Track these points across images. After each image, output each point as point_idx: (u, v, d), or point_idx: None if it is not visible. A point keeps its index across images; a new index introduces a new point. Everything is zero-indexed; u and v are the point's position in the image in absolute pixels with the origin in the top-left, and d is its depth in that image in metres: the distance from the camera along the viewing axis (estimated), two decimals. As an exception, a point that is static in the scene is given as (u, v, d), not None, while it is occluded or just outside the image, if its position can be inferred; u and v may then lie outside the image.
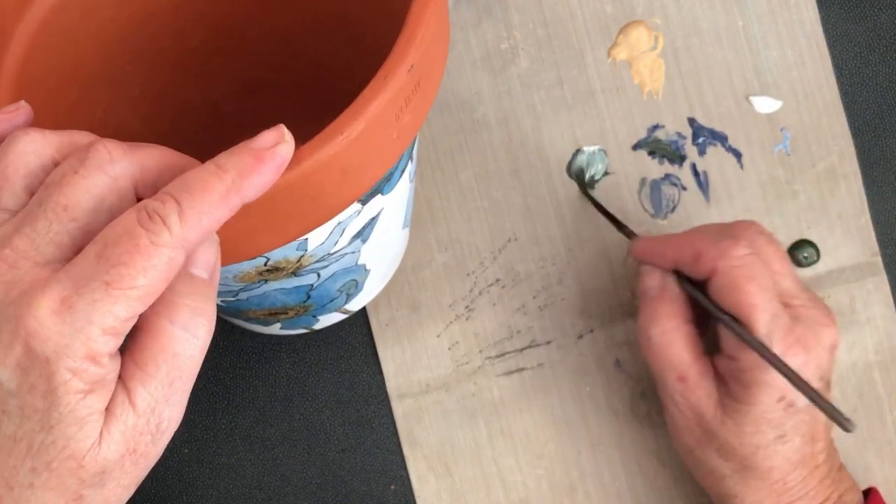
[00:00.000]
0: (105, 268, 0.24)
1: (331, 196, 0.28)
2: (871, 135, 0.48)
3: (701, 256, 0.39)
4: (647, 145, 0.48)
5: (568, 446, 0.48)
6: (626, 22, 0.48)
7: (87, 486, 0.26)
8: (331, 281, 0.37)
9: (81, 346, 0.24)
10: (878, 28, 0.48)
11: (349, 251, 0.35)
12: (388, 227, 0.37)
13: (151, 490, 0.48)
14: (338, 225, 0.32)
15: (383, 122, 0.27)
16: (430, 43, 0.28)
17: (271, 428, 0.48)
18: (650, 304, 0.41)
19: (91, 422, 0.25)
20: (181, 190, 0.25)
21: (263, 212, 0.27)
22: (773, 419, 0.38)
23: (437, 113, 0.48)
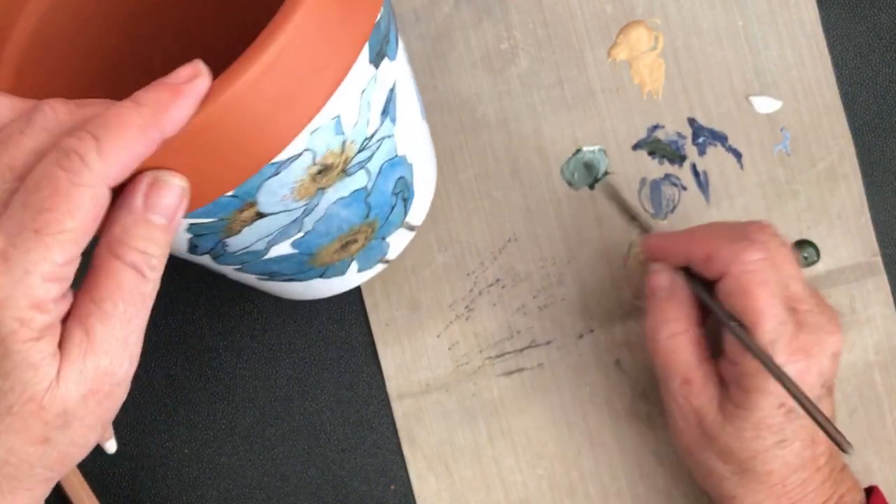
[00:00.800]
0: (31, 215, 0.24)
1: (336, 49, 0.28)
2: (871, 135, 0.48)
3: (713, 258, 0.39)
4: (647, 145, 0.48)
5: (568, 446, 0.48)
6: (626, 22, 0.48)
7: (52, 427, 0.26)
8: (382, 180, 0.36)
9: (23, 296, 0.25)
10: (878, 28, 0.48)
11: (385, 134, 0.35)
12: (408, 109, 0.36)
13: (151, 490, 0.48)
14: (362, 94, 0.31)
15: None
16: None
17: (271, 428, 0.48)
18: (659, 306, 0.41)
19: (45, 365, 0.25)
20: (98, 126, 0.25)
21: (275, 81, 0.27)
22: (773, 425, 0.38)
23: (437, 113, 0.48)
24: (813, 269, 0.48)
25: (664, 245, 0.42)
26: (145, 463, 0.48)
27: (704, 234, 0.40)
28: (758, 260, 0.38)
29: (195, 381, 0.48)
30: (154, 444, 0.48)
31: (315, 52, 0.28)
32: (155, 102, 0.26)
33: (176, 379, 0.48)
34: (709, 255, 0.39)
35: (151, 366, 0.48)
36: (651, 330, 0.41)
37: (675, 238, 0.41)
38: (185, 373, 0.48)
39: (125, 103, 0.26)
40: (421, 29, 0.48)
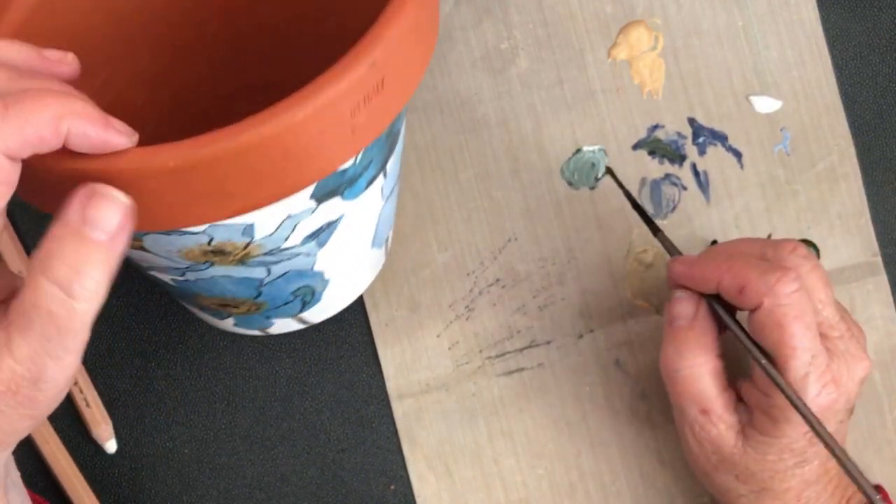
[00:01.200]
0: None
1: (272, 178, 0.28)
2: (871, 135, 0.48)
3: (746, 289, 0.37)
4: (647, 145, 0.48)
5: (568, 446, 0.48)
6: (626, 22, 0.48)
7: None
8: (283, 280, 0.36)
9: None
10: (878, 28, 0.48)
11: (303, 252, 0.34)
12: (351, 239, 0.36)
13: (151, 490, 0.48)
14: (288, 217, 0.31)
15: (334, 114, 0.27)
16: (401, 43, 0.28)
17: (271, 428, 0.48)
18: (679, 335, 0.40)
19: None
20: (15, 95, 0.24)
21: (201, 179, 0.27)
22: (796, 449, 0.38)
23: (437, 113, 0.48)
24: (813, 269, 0.48)
25: (693, 273, 0.40)
26: (145, 463, 0.48)
27: (735, 261, 0.39)
28: (792, 292, 0.37)
29: (195, 381, 0.48)
30: (154, 444, 0.48)
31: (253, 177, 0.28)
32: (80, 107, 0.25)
33: (176, 379, 0.48)
34: (741, 287, 0.37)
35: (151, 366, 0.48)
36: (669, 359, 0.40)
37: (704, 266, 0.40)
38: (185, 373, 0.48)
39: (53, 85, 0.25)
40: (421, 29, 0.48)
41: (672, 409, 0.42)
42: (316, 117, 0.26)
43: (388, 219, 0.39)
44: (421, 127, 0.48)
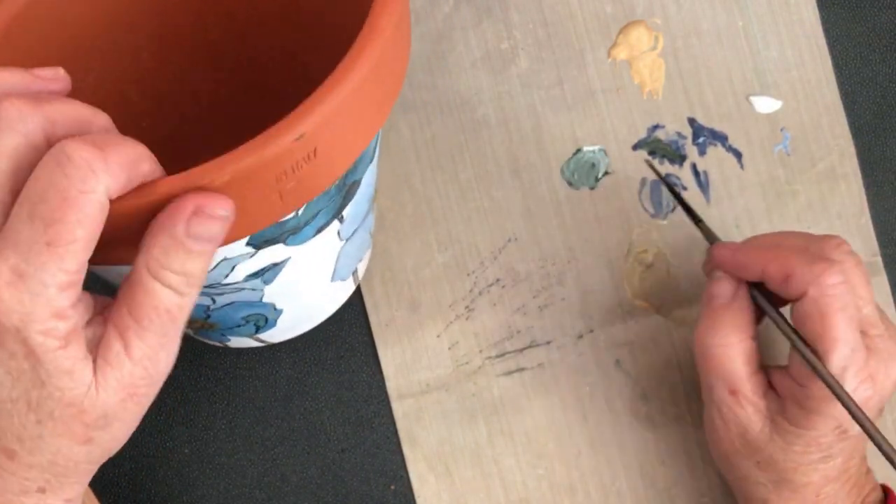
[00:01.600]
0: (41, 228, 0.25)
1: None
2: (871, 135, 0.48)
3: (792, 278, 0.37)
4: (647, 145, 0.48)
5: (568, 446, 0.48)
6: (626, 22, 0.48)
7: (94, 428, 0.28)
8: (231, 309, 0.36)
9: (44, 308, 0.25)
10: (878, 28, 0.48)
11: (247, 287, 0.34)
12: (303, 277, 0.36)
13: (151, 490, 0.48)
14: (224, 259, 0.31)
15: (256, 182, 0.27)
16: (340, 115, 0.27)
17: (271, 428, 0.48)
18: (714, 312, 0.40)
19: (78, 369, 0.26)
20: (99, 137, 0.26)
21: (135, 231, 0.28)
22: (823, 443, 0.38)
23: (437, 113, 0.48)
24: (813, 269, 0.48)
25: (738, 259, 0.40)
26: (145, 463, 0.48)
27: (780, 249, 0.39)
28: (837, 284, 0.37)
29: (195, 381, 0.48)
30: (154, 444, 0.48)
31: None
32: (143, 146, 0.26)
33: (176, 379, 0.48)
34: (787, 275, 0.37)
35: (151, 366, 0.48)
36: (702, 335, 0.40)
37: (750, 252, 0.40)
38: (185, 373, 0.48)
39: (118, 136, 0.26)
40: (421, 29, 0.48)
41: (702, 388, 0.42)
42: (235, 184, 0.26)
43: (351, 256, 0.39)
44: (421, 127, 0.48)
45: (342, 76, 0.27)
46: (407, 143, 0.48)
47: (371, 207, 0.38)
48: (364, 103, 0.28)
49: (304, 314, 0.40)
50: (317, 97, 0.27)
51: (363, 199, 0.36)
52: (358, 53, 0.28)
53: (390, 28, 0.28)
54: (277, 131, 0.26)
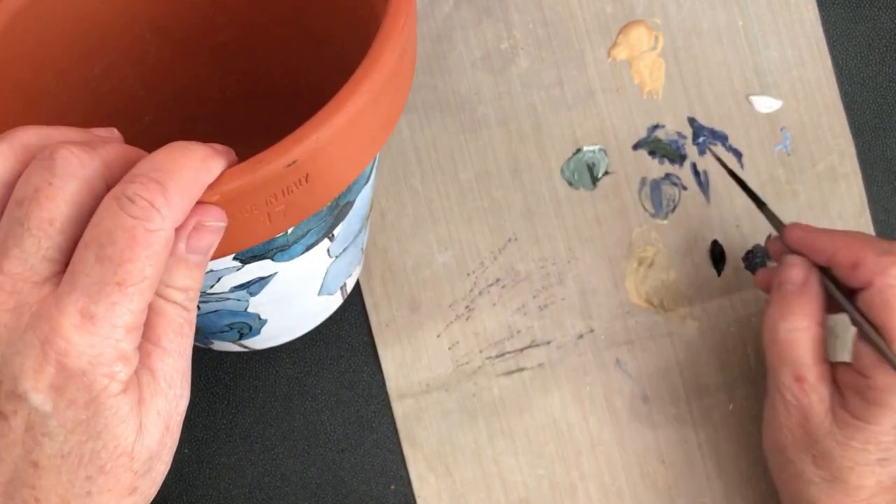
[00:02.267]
0: (112, 268, 0.24)
1: None
2: (871, 135, 0.48)
3: (860, 266, 0.38)
4: (647, 145, 0.48)
5: (568, 446, 0.48)
6: (626, 22, 0.48)
7: (139, 475, 0.27)
8: (215, 316, 0.36)
9: (112, 350, 0.25)
10: (878, 28, 0.48)
11: (232, 297, 0.34)
12: (290, 291, 0.36)
13: (151, 490, 0.48)
14: (210, 271, 0.32)
15: (246, 204, 0.27)
16: (334, 142, 0.27)
17: (271, 428, 0.48)
18: (787, 297, 0.40)
19: (132, 416, 0.26)
20: (155, 170, 0.25)
21: None
22: (882, 442, 0.38)
23: (437, 113, 0.48)
24: (813, 268, 0.48)
25: (810, 240, 0.41)
26: (145, 463, 0.48)
27: (853, 238, 0.39)
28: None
29: (195, 381, 0.48)
30: (154, 444, 0.48)
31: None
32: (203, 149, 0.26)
33: (176, 379, 0.48)
34: (855, 263, 0.38)
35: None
36: (772, 320, 0.40)
37: (822, 235, 0.40)
38: (185, 373, 0.48)
39: (173, 146, 0.26)
40: (421, 29, 0.48)
41: (767, 375, 0.42)
42: (224, 205, 0.27)
43: (340, 272, 0.39)
44: (421, 127, 0.48)
45: (339, 106, 0.27)
46: (407, 143, 0.48)
47: (364, 226, 0.38)
48: (360, 133, 0.28)
49: (289, 325, 0.41)
50: (312, 125, 0.27)
51: (356, 219, 0.36)
52: (357, 85, 0.27)
53: (392, 61, 0.28)
54: (269, 156, 0.26)
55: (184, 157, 0.26)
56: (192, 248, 0.27)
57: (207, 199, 0.26)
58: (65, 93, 0.38)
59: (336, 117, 0.27)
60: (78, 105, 0.39)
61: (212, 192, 0.26)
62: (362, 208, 0.36)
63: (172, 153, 0.26)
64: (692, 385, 0.48)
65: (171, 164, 0.25)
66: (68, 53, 0.37)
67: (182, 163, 0.26)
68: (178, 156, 0.26)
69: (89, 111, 0.39)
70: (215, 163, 0.26)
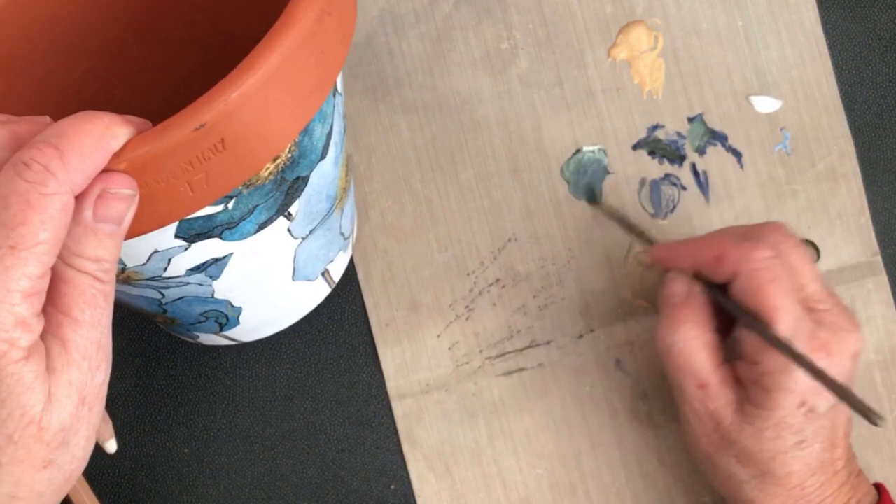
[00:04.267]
0: (5, 233, 0.24)
1: None
2: (871, 135, 0.48)
3: (723, 259, 0.39)
4: (647, 145, 0.48)
5: (568, 446, 0.48)
6: (626, 22, 0.48)
7: (53, 448, 0.26)
8: (183, 304, 0.36)
9: (8, 315, 0.24)
10: (878, 28, 0.48)
11: (192, 281, 0.34)
12: (256, 274, 0.35)
13: (151, 490, 0.48)
14: (155, 252, 0.31)
15: (158, 170, 0.26)
16: (245, 111, 0.27)
17: (271, 428, 0.48)
18: (673, 311, 0.40)
19: (38, 385, 0.25)
20: (55, 136, 0.25)
21: None
22: (793, 424, 0.38)
23: (437, 113, 0.48)
24: (813, 268, 0.48)
25: (672, 251, 0.42)
26: (145, 463, 0.48)
27: (713, 237, 0.40)
28: (766, 258, 0.38)
29: (195, 381, 0.48)
30: (154, 444, 0.48)
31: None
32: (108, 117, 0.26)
33: (176, 379, 0.48)
34: (718, 257, 0.39)
35: (151, 366, 0.48)
36: (664, 335, 0.40)
37: (682, 244, 0.41)
38: (185, 373, 0.48)
39: (79, 115, 0.26)
40: (421, 29, 0.48)
41: (674, 398, 0.42)
42: (134, 171, 0.26)
43: (315, 255, 0.38)
44: (421, 127, 0.48)
45: (248, 67, 0.26)
46: (407, 143, 0.48)
47: (335, 207, 0.37)
48: (278, 96, 0.27)
49: (269, 314, 0.40)
50: (220, 87, 0.26)
51: (318, 198, 0.35)
52: (267, 45, 0.27)
53: (308, 20, 0.27)
54: (176, 120, 0.26)
55: (87, 123, 0.25)
56: (99, 216, 0.26)
57: (114, 167, 0.26)
58: (45, 99, 0.38)
59: (245, 78, 0.26)
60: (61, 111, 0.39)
61: (118, 159, 0.26)
62: (324, 187, 0.35)
63: (76, 120, 0.26)
64: (692, 385, 0.48)
65: (72, 129, 0.25)
66: (44, 60, 0.37)
67: (84, 128, 0.25)
68: (80, 122, 0.25)
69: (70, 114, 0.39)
70: (121, 130, 0.26)
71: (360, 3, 0.48)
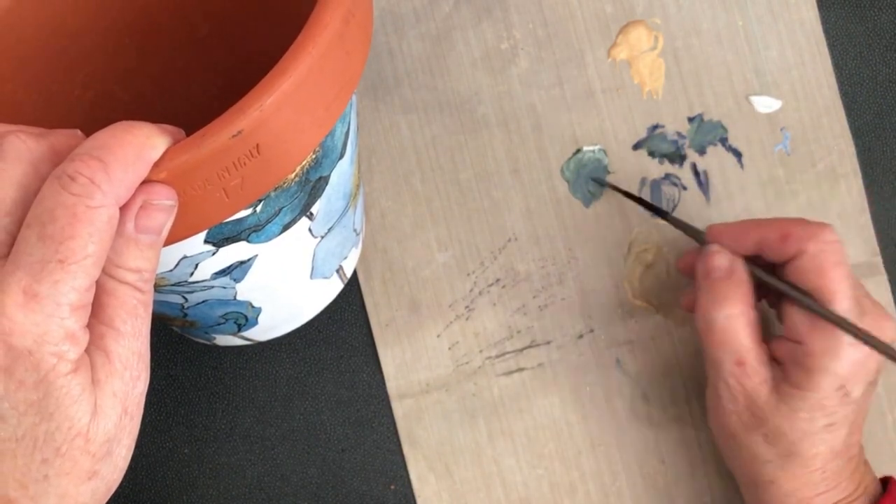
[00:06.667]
0: (54, 247, 0.24)
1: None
2: (871, 135, 0.48)
3: (790, 237, 0.39)
4: (647, 145, 0.48)
5: (568, 446, 0.48)
6: (626, 22, 0.48)
7: (98, 459, 0.26)
8: (205, 307, 0.36)
9: (58, 328, 0.24)
10: (878, 28, 0.48)
11: (217, 285, 0.34)
12: (277, 275, 0.36)
13: (151, 490, 0.48)
14: (184, 257, 0.31)
15: (197, 179, 0.27)
16: (278, 116, 0.27)
17: (271, 428, 0.48)
18: (716, 286, 0.40)
19: (85, 397, 0.26)
20: (97, 148, 0.25)
21: None
22: (827, 406, 0.38)
23: (437, 113, 0.48)
24: (813, 269, 0.48)
25: (732, 230, 0.41)
26: (145, 463, 0.48)
27: (775, 220, 0.40)
28: (834, 241, 0.38)
29: (195, 381, 0.48)
30: (154, 444, 0.48)
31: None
32: (147, 127, 0.26)
33: (176, 379, 0.48)
34: (785, 235, 0.39)
35: (152, 366, 0.48)
36: (704, 309, 0.40)
37: (745, 223, 0.41)
38: (185, 373, 0.48)
39: (116, 126, 0.26)
40: (421, 29, 0.48)
41: (706, 365, 0.42)
42: (173, 181, 0.26)
43: (332, 253, 0.38)
44: (421, 127, 0.48)
45: (281, 72, 0.27)
46: (407, 143, 0.48)
47: (350, 204, 0.38)
48: (309, 98, 0.28)
49: (287, 312, 0.40)
50: (255, 93, 0.26)
51: (337, 196, 0.35)
52: (298, 49, 0.27)
53: (335, 23, 0.28)
54: (213, 128, 0.26)
55: (127, 135, 0.26)
56: (141, 227, 0.26)
57: (154, 177, 0.26)
58: (49, 107, 0.38)
59: (279, 84, 0.26)
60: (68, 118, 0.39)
61: (158, 169, 0.26)
62: (342, 185, 0.35)
63: (115, 131, 0.26)
64: (692, 385, 0.48)
65: (113, 141, 0.25)
66: (46, 66, 0.37)
67: (125, 139, 0.25)
68: (120, 133, 0.26)
69: (74, 121, 0.39)
70: (160, 140, 0.26)
71: (360, 3, 0.48)
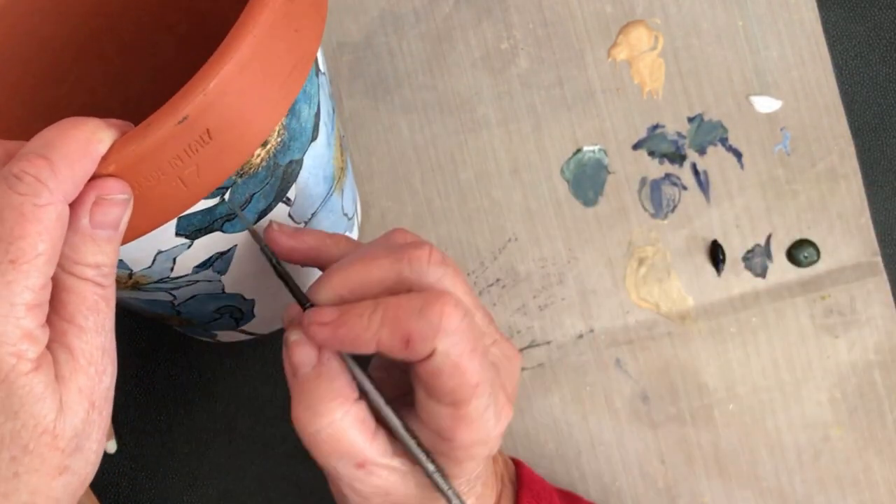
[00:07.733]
0: (3, 247, 0.24)
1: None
2: (871, 135, 0.48)
3: (412, 340, 0.30)
4: (647, 145, 0.48)
5: (568, 446, 0.48)
6: (626, 22, 0.48)
7: (67, 454, 0.26)
8: (196, 302, 0.36)
9: (14, 328, 0.25)
10: (878, 28, 0.48)
11: (201, 279, 0.34)
12: (263, 263, 0.34)
13: (151, 490, 0.48)
14: (159, 252, 0.31)
15: (148, 169, 0.26)
16: (225, 99, 0.26)
17: (271, 428, 0.48)
18: (304, 387, 0.32)
19: (49, 394, 0.26)
20: (42, 146, 0.25)
21: None
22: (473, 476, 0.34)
23: (437, 113, 0.48)
24: (813, 268, 0.48)
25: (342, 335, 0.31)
26: (145, 463, 0.48)
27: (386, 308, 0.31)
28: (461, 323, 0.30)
29: (195, 381, 0.48)
30: (154, 444, 0.48)
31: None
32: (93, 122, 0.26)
33: (176, 379, 0.48)
34: (406, 339, 0.30)
35: (151, 366, 0.48)
36: (301, 420, 0.32)
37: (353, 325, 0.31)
38: (185, 373, 0.48)
39: (63, 122, 0.26)
40: (421, 29, 0.48)
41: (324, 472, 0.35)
42: (124, 173, 0.26)
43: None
44: (421, 127, 0.48)
45: (222, 55, 0.26)
46: (407, 143, 0.48)
47: (334, 188, 0.36)
48: (257, 80, 0.27)
49: (283, 302, 0.39)
50: (197, 78, 0.26)
51: (316, 181, 0.34)
52: (239, 30, 0.26)
53: (276, 2, 0.27)
54: (157, 117, 0.26)
55: (72, 130, 0.25)
56: (96, 223, 0.26)
57: (103, 171, 0.26)
58: (35, 116, 0.38)
59: (220, 66, 0.26)
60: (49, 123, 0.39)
61: (106, 163, 0.26)
62: (319, 168, 0.34)
63: (60, 128, 0.26)
64: (692, 385, 0.48)
65: (59, 138, 0.25)
66: (32, 76, 0.37)
67: (70, 135, 0.25)
68: (65, 130, 0.26)
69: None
70: (106, 133, 0.26)
71: (360, 3, 0.48)
